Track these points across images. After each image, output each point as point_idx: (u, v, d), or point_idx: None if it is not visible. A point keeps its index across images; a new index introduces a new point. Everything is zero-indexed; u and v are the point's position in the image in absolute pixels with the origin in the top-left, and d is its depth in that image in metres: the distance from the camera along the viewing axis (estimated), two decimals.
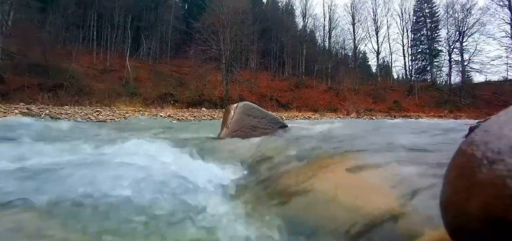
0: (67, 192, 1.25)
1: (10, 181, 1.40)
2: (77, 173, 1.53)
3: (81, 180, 1.40)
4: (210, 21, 22.12)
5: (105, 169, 1.62)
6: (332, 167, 1.39)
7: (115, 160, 1.90)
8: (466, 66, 26.06)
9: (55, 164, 1.75)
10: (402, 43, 31.38)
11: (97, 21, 25.33)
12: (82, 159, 2.06)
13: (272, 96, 23.69)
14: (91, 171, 1.58)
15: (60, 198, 1.19)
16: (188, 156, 2.25)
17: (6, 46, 16.57)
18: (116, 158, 1.93)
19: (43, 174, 1.53)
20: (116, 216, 1.06)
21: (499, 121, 0.53)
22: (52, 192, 1.25)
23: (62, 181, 1.42)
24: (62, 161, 1.89)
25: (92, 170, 1.62)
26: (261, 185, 1.52)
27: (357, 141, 2.24)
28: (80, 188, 1.30)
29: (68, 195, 1.23)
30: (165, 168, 1.74)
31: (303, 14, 32.81)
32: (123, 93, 19.06)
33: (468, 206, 0.47)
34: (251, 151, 2.17)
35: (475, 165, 0.48)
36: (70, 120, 7.42)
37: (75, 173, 1.52)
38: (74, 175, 1.49)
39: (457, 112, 21.45)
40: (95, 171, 1.58)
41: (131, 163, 1.77)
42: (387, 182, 1.07)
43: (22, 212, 1.06)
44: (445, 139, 2.54)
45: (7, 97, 13.95)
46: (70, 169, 1.62)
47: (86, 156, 2.18)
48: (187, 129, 5.93)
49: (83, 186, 1.31)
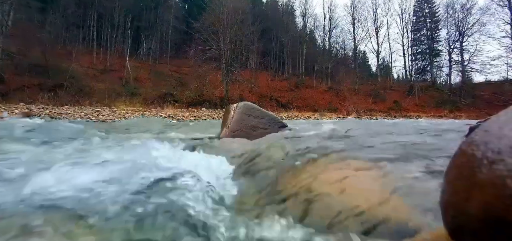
0: (70, 191, 1.25)
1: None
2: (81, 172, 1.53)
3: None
4: (210, 21, 22.11)
5: (105, 169, 1.63)
6: (333, 167, 1.39)
7: (113, 160, 1.90)
8: (466, 66, 26.09)
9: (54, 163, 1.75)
10: (402, 43, 31.44)
11: (97, 21, 25.33)
12: (85, 159, 2.06)
13: (272, 96, 23.69)
14: (95, 171, 1.58)
15: (62, 198, 1.19)
16: (188, 157, 2.25)
17: (6, 46, 16.57)
18: (114, 159, 1.94)
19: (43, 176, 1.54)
20: (116, 215, 1.06)
21: (499, 121, 0.54)
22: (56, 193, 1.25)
23: (64, 180, 1.42)
24: (63, 161, 1.89)
25: (98, 169, 1.62)
26: (261, 185, 1.52)
27: (358, 141, 2.24)
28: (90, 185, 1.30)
29: (71, 193, 1.23)
30: (165, 168, 1.74)
31: (303, 14, 32.85)
32: (123, 93, 19.06)
33: (468, 206, 0.47)
34: (252, 151, 2.17)
35: (475, 165, 0.48)
36: (70, 120, 7.43)
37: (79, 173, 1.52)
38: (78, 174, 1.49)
39: (457, 112, 21.46)
40: (97, 171, 1.58)
41: (128, 162, 1.77)
42: (388, 182, 1.07)
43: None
44: (445, 139, 2.54)
45: (7, 97, 13.96)
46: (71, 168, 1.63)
47: (90, 156, 2.19)
48: (187, 129, 5.93)
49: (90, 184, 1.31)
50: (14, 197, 1.20)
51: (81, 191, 1.26)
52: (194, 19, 24.29)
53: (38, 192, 1.25)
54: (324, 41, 34.37)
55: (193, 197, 1.31)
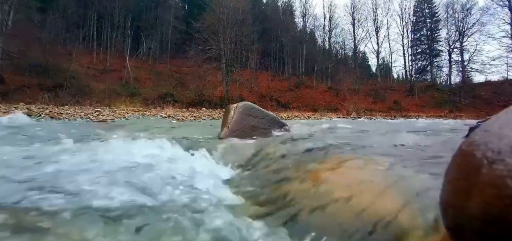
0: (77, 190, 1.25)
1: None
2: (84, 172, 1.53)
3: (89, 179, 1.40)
4: (210, 21, 22.12)
5: (105, 168, 1.63)
6: (333, 167, 1.39)
7: (111, 160, 1.90)
8: (466, 66, 26.09)
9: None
10: (402, 43, 31.46)
11: (97, 21, 25.34)
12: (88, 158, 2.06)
13: (272, 96, 23.70)
14: (102, 170, 1.58)
15: (67, 198, 1.19)
16: (188, 157, 2.25)
17: (6, 46, 16.57)
18: (113, 159, 1.93)
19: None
20: (115, 213, 1.06)
21: (499, 121, 0.53)
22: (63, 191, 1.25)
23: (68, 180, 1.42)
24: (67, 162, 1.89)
25: (104, 169, 1.62)
26: (261, 185, 1.52)
27: (358, 141, 2.23)
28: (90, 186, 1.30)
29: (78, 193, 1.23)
30: (165, 169, 1.74)
31: (303, 14, 32.88)
32: (123, 93, 19.07)
33: (468, 206, 0.47)
34: (252, 151, 2.17)
35: (475, 165, 0.48)
36: (70, 120, 7.43)
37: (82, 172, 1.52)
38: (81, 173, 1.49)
39: (457, 112, 21.46)
40: (101, 170, 1.58)
41: (127, 162, 1.77)
42: (388, 182, 1.07)
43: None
44: (445, 139, 2.54)
45: (7, 97, 13.96)
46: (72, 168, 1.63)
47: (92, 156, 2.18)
48: (187, 129, 5.93)
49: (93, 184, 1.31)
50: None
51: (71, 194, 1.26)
52: (194, 19, 24.30)
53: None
54: (324, 41, 34.43)
55: (193, 197, 1.31)
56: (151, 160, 1.95)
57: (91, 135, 3.68)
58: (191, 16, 27.99)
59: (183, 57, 25.74)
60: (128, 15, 25.88)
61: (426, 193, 0.92)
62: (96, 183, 1.36)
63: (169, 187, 1.40)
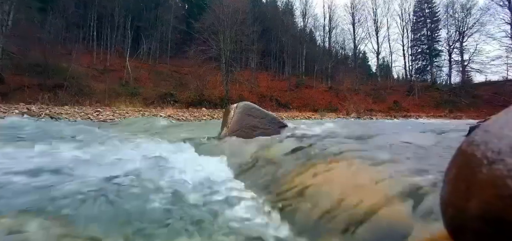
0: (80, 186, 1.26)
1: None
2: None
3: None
4: (210, 21, 22.10)
5: (105, 169, 1.63)
6: (333, 167, 1.39)
7: (110, 160, 1.90)
8: (466, 66, 26.07)
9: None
10: (402, 43, 31.41)
11: (97, 21, 25.30)
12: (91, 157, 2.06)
13: (272, 96, 23.68)
14: (106, 169, 1.59)
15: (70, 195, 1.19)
16: (188, 157, 2.25)
17: (6, 46, 16.56)
18: (111, 159, 1.94)
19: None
20: (114, 211, 1.06)
21: (499, 121, 0.53)
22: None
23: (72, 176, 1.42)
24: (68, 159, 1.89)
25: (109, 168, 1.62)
26: (261, 185, 1.52)
27: (358, 141, 2.23)
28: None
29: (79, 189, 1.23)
30: (164, 169, 1.74)
31: (303, 14, 32.84)
32: (123, 93, 19.06)
33: (468, 206, 0.47)
34: (252, 151, 2.17)
35: (475, 165, 0.48)
36: (70, 120, 7.42)
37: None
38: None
39: (457, 112, 21.45)
40: (105, 169, 1.58)
41: (126, 162, 1.77)
42: (388, 182, 1.07)
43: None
44: (445, 139, 2.53)
45: (7, 97, 13.95)
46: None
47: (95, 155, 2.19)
48: (187, 129, 5.93)
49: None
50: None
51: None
52: (194, 19, 24.29)
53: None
54: (324, 41, 34.37)
55: (192, 197, 1.31)
56: (154, 160, 1.95)
57: (91, 135, 3.68)
58: (191, 16, 27.97)
59: (183, 57, 25.71)
60: (128, 15, 25.86)
61: (426, 193, 0.92)
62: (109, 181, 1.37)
63: (168, 187, 1.40)
